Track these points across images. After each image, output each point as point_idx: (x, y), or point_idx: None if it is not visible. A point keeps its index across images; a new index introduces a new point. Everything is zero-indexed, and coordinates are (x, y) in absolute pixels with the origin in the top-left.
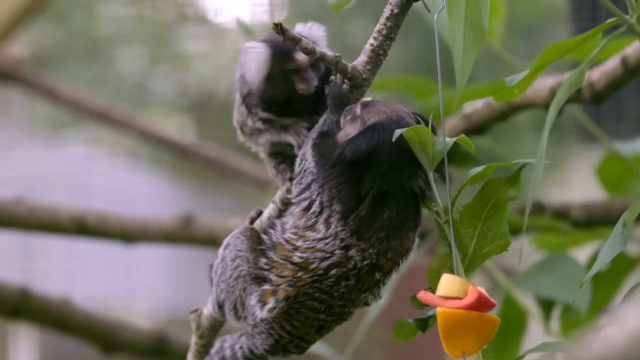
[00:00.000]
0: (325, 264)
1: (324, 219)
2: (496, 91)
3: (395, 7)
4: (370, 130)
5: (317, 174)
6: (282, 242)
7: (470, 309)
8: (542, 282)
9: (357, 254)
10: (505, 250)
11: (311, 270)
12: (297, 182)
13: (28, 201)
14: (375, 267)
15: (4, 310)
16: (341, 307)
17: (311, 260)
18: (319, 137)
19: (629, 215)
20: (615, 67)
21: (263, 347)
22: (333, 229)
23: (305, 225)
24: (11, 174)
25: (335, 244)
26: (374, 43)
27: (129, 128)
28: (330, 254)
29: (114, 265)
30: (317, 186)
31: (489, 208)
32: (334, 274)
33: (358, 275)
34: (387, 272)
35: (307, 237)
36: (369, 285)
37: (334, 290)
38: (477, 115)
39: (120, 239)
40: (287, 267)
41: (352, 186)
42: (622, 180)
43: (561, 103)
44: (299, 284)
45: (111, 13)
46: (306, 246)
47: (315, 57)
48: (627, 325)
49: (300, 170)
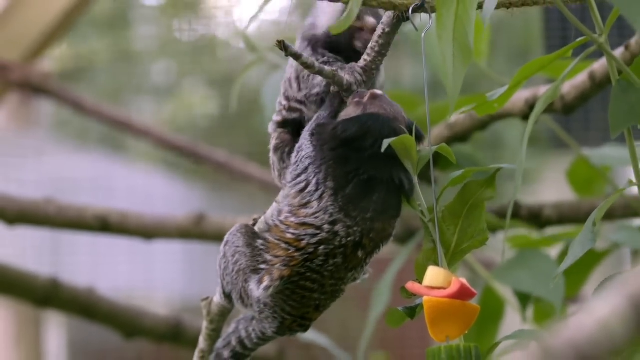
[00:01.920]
0: (314, 240)
1: (318, 195)
2: (478, 105)
3: (386, 27)
4: (365, 117)
5: (315, 156)
6: (277, 223)
7: (453, 298)
8: (518, 275)
9: (342, 230)
10: (483, 245)
11: (302, 248)
12: (292, 170)
13: (57, 202)
14: (358, 245)
15: (35, 299)
16: (333, 286)
17: (302, 237)
18: (317, 127)
19: (597, 215)
20: (583, 81)
21: (271, 329)
22: (324, 204)
23: (300, 203)
24: (41, 177)
25: (325, 219)
26: (367, 59)
27: (148, 136)
28: (319, 230)
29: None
30: (314, 167)
31: (468, 207)
32: (323, 252)
33: (344, 254)
34: (369, 252)
35: (299, 214)
36: (354, 264)
37: (324, 269)
38: (460, 124)
39: (140, 235)
40: (280, 246)
41: (343, 166)
42: (589, 183)
43: (538, 115)
44: (292, 264)
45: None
46: (298, 222)
47: (314, 71)
48: (595, 314)
49: (297, 161)
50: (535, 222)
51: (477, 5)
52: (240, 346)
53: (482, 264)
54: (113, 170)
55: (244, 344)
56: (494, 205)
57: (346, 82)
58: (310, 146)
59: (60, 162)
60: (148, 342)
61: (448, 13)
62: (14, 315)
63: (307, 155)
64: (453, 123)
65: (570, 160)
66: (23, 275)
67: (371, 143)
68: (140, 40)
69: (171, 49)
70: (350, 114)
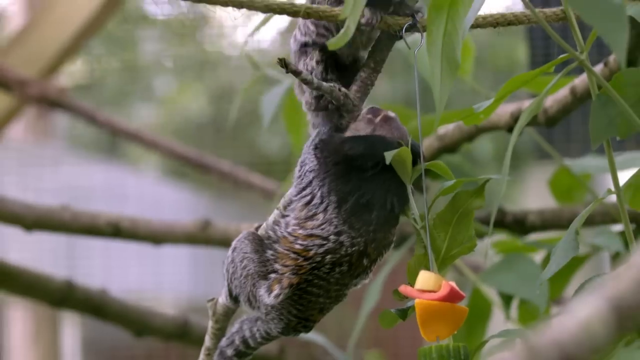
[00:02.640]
0: (321, 249)
1: (323, 207)
2: (465, 116)
3: (380, 45)
4: (372, 139)
5: (319, 170)
6: (285, 235)
7: (443, 301)
8: (504, 278)
9: (347, 240)
10: (472, 251)
11: (310, 258)
12: (296, 184)
13: (72, 209)
14: (363, 254)
15: (52, 300)
16: (337, 291)
17: (310, 247)
18: (320, 142)
19: (579, 223)
20: (565, 95)
21: (277, 330)
22: (329, 215)
23: (307, 216)
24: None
25: (330, 230)
26: (363, 75)
27: (157, 147)
28: (325, 240)
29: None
30: (318, 181)
31: (458, 215)
32: (330, 260)
33: (350, 262)
34: (373, 259)
35: (307, 227)
36: (359, 271)
37: (330, 276)
38: (449, 136)
39: (150, 240)
40: (290, 256)
41: (344, 182)
42: (570, 191)
43: (522, 128)
44: (301, 272)
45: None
46: (306, 234)
47: (313, 87)
48: (577, 315)
49: (300, 174)
50: (520, 228)
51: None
52: (243, 345)
53: (470, 268)
54: (124, 179)
55: (247, 343)
56: (481, 213)
57: (342, 97)
58: (315, 160)
59: (75, 171)
60: (157, 340)
61: (438, 30)
62: (32, 315)
63: (310, 169)
64: (443, 135)
65: (553, 170)
66: (40, 278)
67: (372, 165)
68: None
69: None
70: (360, 129)
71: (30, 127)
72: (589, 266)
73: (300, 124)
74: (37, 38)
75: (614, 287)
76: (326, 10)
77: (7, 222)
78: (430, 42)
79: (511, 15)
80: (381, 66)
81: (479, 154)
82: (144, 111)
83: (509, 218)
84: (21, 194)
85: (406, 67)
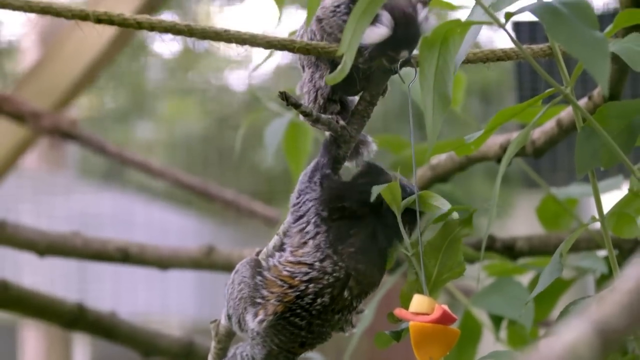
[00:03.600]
0: (306, 277)
1: (313, 234)
2: (457, 147)
3: (376, 79)
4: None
5: (319, 201)
6: (276, 264)
7: (436, 323)
8: (493, 300)
9: (329, 266)
10: (461, 275)
11: (295, 286)
12: (293, 211)
13: (83, 235)
14: (345, 285)
15: (63, 322)
16: (319, 326)
17: (296, 274)
18: (323, 177)
19: (564, 248)
20: (552, 127)
21: (260, 355)
22: (317, 241)
23: (299, 243)
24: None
25: (317, 256)
26: (359, 107)
27: (163, 175)
28: (310, 268)
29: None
30: (315, 210)
31: (447, 242)
32: (312, 290)
33: (332, 295)
34: (355, 294)
35: (297, 254)
36: (340, 306)
37: (313, 307)
38: (442, 166)
39: (157, 265)
40: (277, 283)
41: (341, 212)
42: (557, 219)
43: (511, 158)
44: (285, 300)
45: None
46: (295, 261)
47: (312, 119)
48: (564, 338)
49: (298, 202)
50: (509, 253)
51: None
52: None
53: (461, 291)
54: (133, 207)
55: None
56: (472, 239)
57: (340, 129)
58: (318, 190)
59: (86, 199)
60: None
61: (430, 66)
62: (44, 335)
63: (311, 198)
64: (435, 165)
65: (540, 198)
66: (52, 301)
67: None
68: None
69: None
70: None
71: (44, 157)
72: (575, 289)
73: (301, 155)
74: (49, 73)
75: (599, 311)
76: (324, 47)
77: (21, 247)
78: (423, 77)
79: (500, 52)
80: (377, 99)
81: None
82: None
83: (498, 244)
84: (35, 221)
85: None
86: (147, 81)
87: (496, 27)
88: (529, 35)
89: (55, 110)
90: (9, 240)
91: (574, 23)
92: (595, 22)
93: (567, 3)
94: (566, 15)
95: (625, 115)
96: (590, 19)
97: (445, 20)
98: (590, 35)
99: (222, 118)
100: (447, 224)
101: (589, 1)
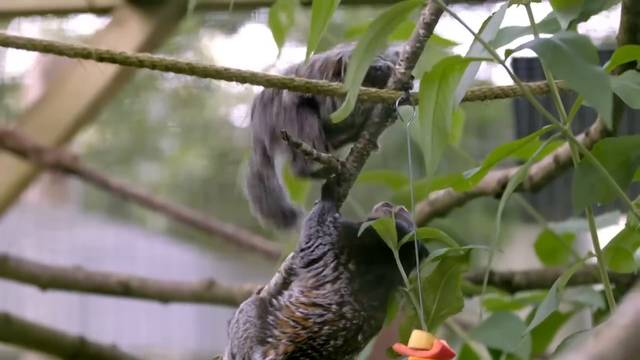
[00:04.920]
0: (320, 319)
1: (332, 278)
2: (455, 182)
3: (375, 117)
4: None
5: (337, 244)
6: (288, 304)
7: (435, 358)
8: (491, 334)
9: (349, 312)
10: (460, 311)
11: (308, 327)
12: (304, 255)
13: (85, 269)
14: (359, 329)
15: (65, 355)
16: None
17: (310, 316)
18: (335, 220)
19: (561, 282)
20: (549, 163)
21: None
22: (338, 285)
23: (313, 285)
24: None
25: (334, 299)
26: (359, 146)
27: (165, 210)
28: (326, 311)
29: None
30: (333, 252)
31: (445, 279)
32: (326, 332)
33: (346, 338)
34: (367, 337)
35: (311, 295)
36: (352, 348)
37: (324, 349)
38: (440, 201)
39: (158, 299)
40: (289, 324)
41: (364, 258)
42: (554, 253)
43: (510, 194)
44: (297, 340)
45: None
46: (308, 302)
47: (313, 157)
48: None
49: (310, 246)
50: (507, 287)
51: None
52: None
53: (460, 325)
54: (135, 241)
55: None
56: (470, 273)
57: (340, 167)
58: (334, 234)
59: (89, 234)
60: None
61: (429, 102)
62: None
63: (325, 242)
64: (434, 200)
65: (538, 233)
66: (54, 334)
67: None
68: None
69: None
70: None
71: (46, 191)
72: (572, 323)
73: (300, 190)
74: (52, 109)
75: (596, 345)
76: (324, 85)
77: (24, 281)
78: (422, 112)
79: (498, 89)
80: (376, 137)
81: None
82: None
83: (496, 278)
84: (37, 255)
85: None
86: (148, 117)
87: (495, 62)
88: (526, 73)
89: (58, 145)
90: (12, 274)
91: (574, 59)
92: (596, 57)
93: (567, 39)
94: (567, 51)
95: (622, 151)
96: (590, 54)
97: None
98: (591, 70)
99: (223, 153)
100: (445, 261)
101: (588, 36)
